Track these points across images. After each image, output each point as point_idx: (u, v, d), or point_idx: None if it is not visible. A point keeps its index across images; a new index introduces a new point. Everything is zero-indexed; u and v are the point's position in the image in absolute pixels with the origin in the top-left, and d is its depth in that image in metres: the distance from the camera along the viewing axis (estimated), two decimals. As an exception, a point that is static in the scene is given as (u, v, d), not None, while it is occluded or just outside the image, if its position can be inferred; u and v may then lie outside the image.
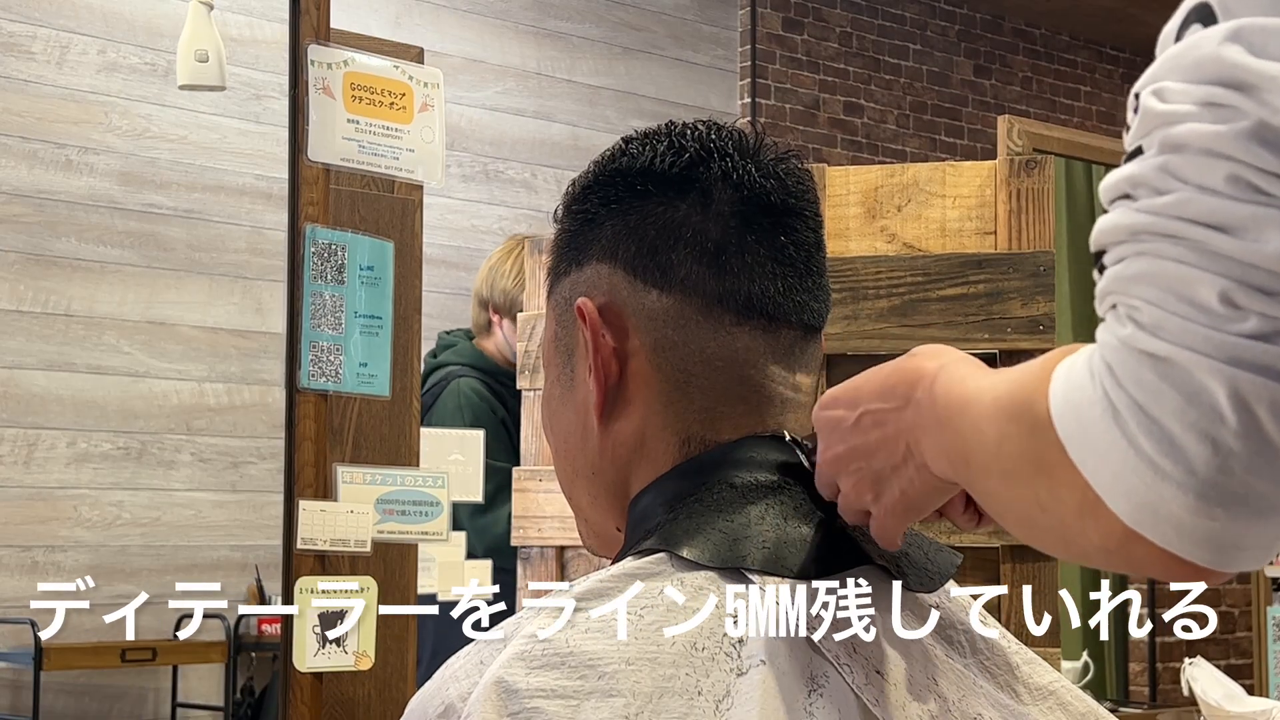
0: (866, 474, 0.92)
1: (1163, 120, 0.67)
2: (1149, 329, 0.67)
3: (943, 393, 0.84)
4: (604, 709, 0.86)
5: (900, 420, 0.88)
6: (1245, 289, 0.64)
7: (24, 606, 4.51)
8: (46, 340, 4.69)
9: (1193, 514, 0.66)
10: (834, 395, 0.95)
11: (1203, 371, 0.65)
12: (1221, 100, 0.65)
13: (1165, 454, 0.66)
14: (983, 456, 0.79)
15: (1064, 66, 7.01)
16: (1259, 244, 0.64)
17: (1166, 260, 0.66)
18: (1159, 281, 0.67)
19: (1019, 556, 1.82)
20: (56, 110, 4.73)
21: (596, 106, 5.78)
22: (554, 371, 1.09)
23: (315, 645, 1.89)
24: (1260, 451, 0.65)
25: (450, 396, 3.17)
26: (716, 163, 1.02)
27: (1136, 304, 0.67)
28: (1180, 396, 0.65)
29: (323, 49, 1.97)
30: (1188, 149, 0.66)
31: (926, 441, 0.86)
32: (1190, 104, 0.66)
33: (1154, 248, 0.67)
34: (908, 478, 0.89)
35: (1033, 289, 1.84)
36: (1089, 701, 1.04)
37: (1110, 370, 0.68)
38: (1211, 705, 2.66)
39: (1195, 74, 0.66)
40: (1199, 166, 0.65)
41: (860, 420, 0.91)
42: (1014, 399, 0.76)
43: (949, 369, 0.85)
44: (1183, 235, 0.66)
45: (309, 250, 1.94)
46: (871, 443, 0.91)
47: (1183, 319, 0.66)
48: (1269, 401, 0.64)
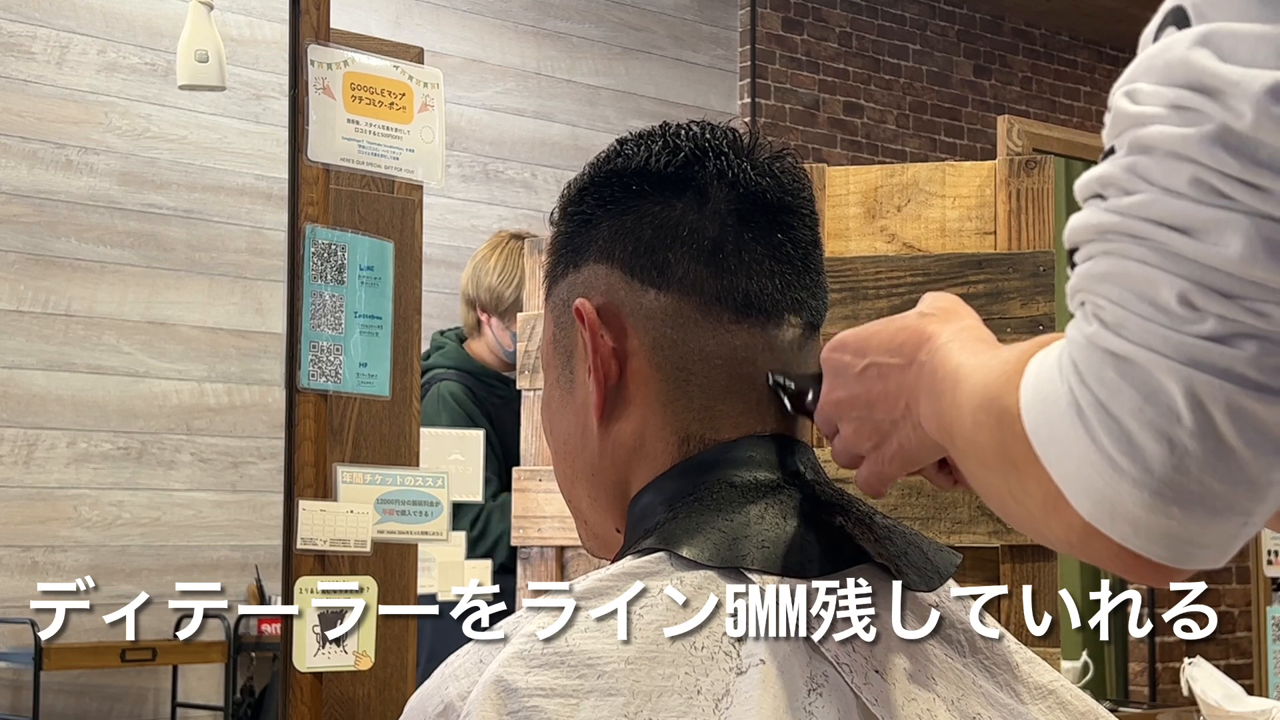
0: (866, 422, 0.94)
1: (1133, 121, 0.68)
2: (1112, 327, 0.68)
3: (940, 363, 0.85)
4: (603, 708, 0.86)
5: (903, 378, 0.89)
6: (1204, 291, 0.65)
7: (24, 606, 4.51)
8: (46, 340, 4.69)
9: (1149, 512, 0.67)
10: (844, 339, 0.96)
11: (1161, 371, 0.66)
12: (1188, 104, 0.65)
13: (1123, 451, 0.67)
14: (962, 438, 0.81)
15: (1064, 66, 7.01)
16: (1218, 247, 0.64)
17: (1130, 260, 0.67)
18: (1122, 281, 0.67)
19: (1019, 556, 1.82)
20: (56, 110, 4.73)
21: (596, 106, 5.78)
22: (553, 373, 1.09)
23: (315, 645, 1.89)
24: (1216, 451, 0.66)
25: (430, 401, 3.16)
26: (712, 161, 1.02)
27: (1101, 302, 0.68)
28: (1139, 395, 0.66)
29: (323, 49, 1.97)
30: (1155, 151, 0.66)
31: (923, 404, 0.87)
32: (1159, 106, 0.66)
33: (1119, 247, 0.68)
34: (905, 433, 0.91)
35: (1032, 289, 1.84)
36: (1088, 701, 1.04)
37: (1075, 367, 0.69)
38: (1211, 705, 2.66)
39: (1165, 76, 0.67)
40: (1165, 169, 0.66)
41: (866, 370, 0.93)
42: (988, 390, 0.77)
43: (953, 340, 0.86)
44: (1146, 236, 0.67)
45: (309, 250, 1.94)
46: (874, 394, 0.92)
47: (1143, 319, 0.66)
48: (1224, 403, 0.65)
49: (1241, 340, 0.65)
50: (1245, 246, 0.64)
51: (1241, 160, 0.64)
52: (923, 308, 0.94)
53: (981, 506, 1.79)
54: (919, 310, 0.93)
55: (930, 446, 0.90)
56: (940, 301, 0.94)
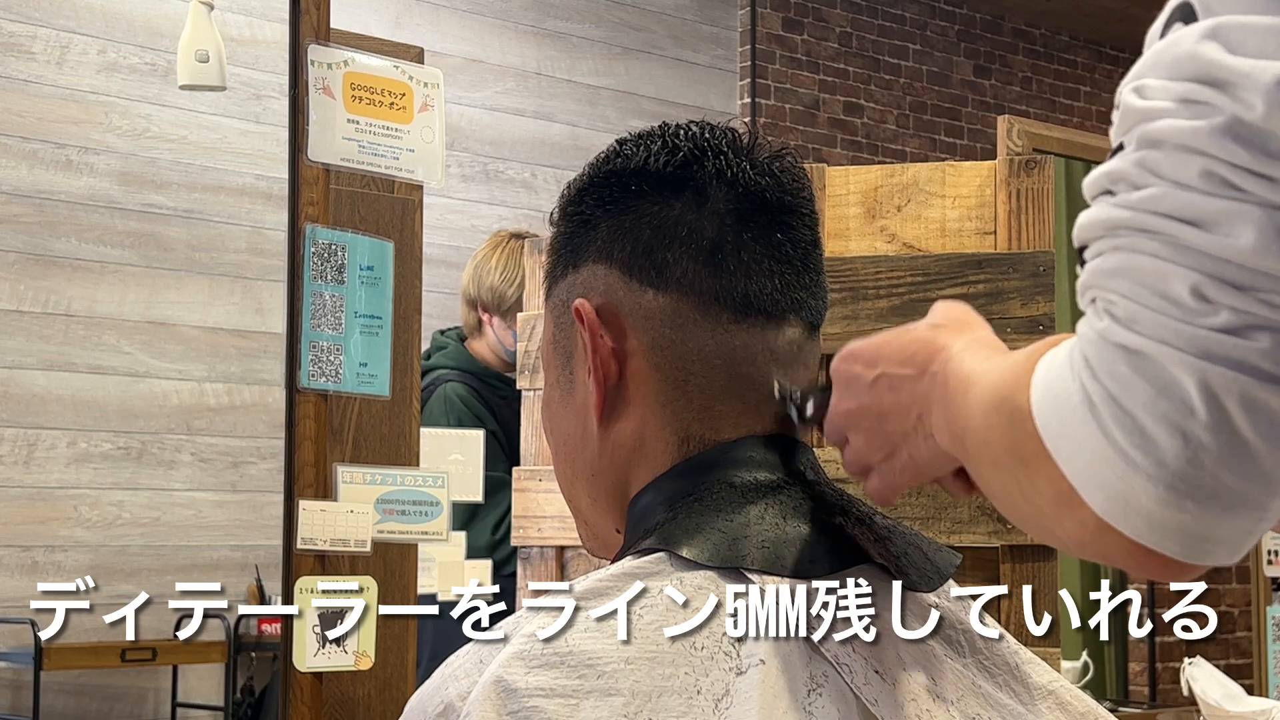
0: (877, 434, 0.93)
1: (1142, 117, 0.67)
2: (1124, 322, 0.67)
3: (952, 373, 0.85)
4: (603, 708, 0.86)
5: (915, 390, 0.89)
6: (1216, 283, 0.65)
7: (24, 606, 4.51)
8: (46, 340, 4.69)
9: (1162, 506, 0.67)
10: (855, 350, 0.95)
11: (1174, 365, 0.65)
12: (1198, 97, 0.65)
13: (1137, 446, 0.67)
14: (974, 442, 0.80)
15: (1064, 66, 7.01)
16: (1230, 239, 0.64)
17: (1141, 255, 0.67)
18: (1134, 275, 0.67)
19: (1019, 556, 1.82)
20: (56, 110, 4.73)
21: (596, 106, 5.78)
22: (553, 374, 1.09)
23: (315, 645, 1.89)
24: (1230, 445, 0.65)
25: (437, 402, 3.16)
26: (710, 161, 1.02)
27: (1113, 298, 0.68)
28: (1152, 389, 0.66)
29: (323, 49, 1.97)
30: (1165, 145, 0.66)
31: (935, 415, 0.87)
32: (1168, 100, 0.66)
33: (1130, 242, 0.67)
34: (916, 445, 0.90)
35: (1032, 289, 1.84)
36: (1088, 701, 1.04)
37: (1087, 363, 0.69)
38: (1211, 705, 2.66)
39: (1174, 71, 0.66)
40: (1175, 162, 0.66)
41: (877, 381, 0.92)
42: (998, 390, 0.77)
43: (965, 350, 0.86)
44: (1157, 230, 0.66)
45: (309, 250, 1.94)
46: (885, 405, 0.92)
47: (1155, 312, 0.66)
48: (1239, 395, 0.65)
49: (1255, 332, 0.65)
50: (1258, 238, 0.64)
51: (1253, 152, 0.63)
52: (934, 318, 0.93)
53: (982, 506, 1.79)
54: (931, 321, 0.93)
55: (941, 458, 0.89)
56: (952, 311, 0.93)
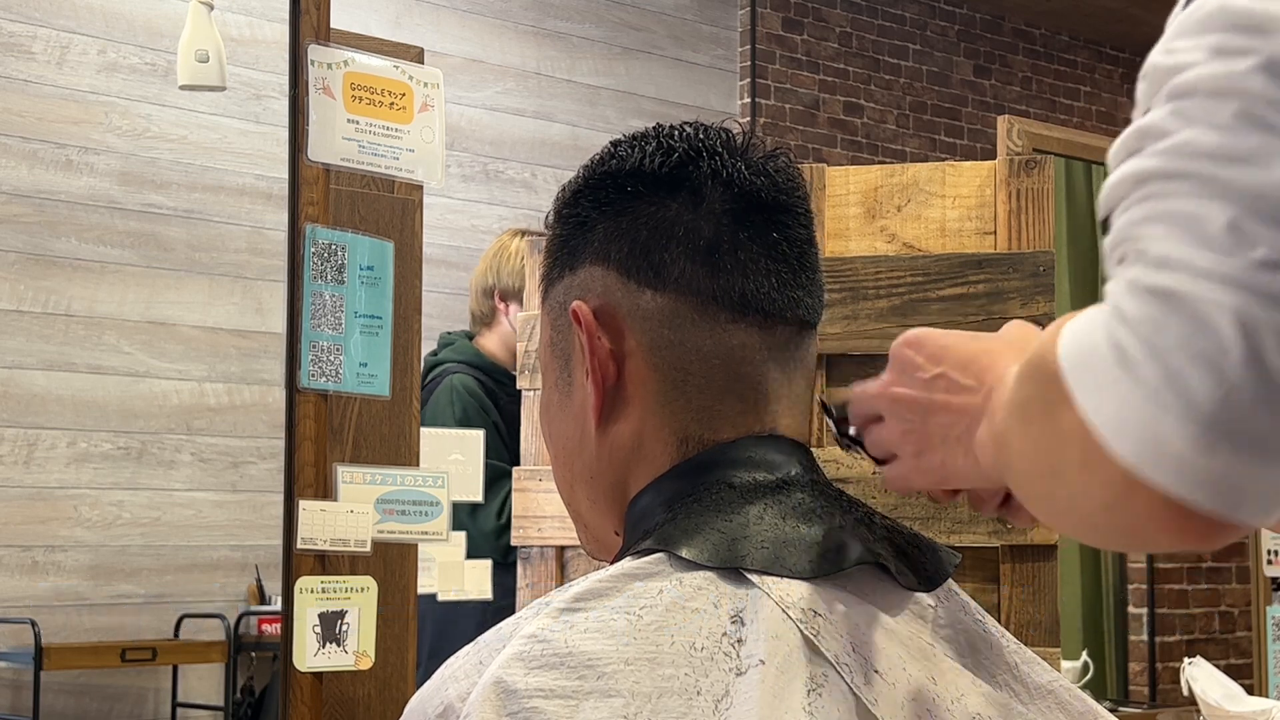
0: (917, 428, 0.93)
1: (1171, 72, 0.67)
2: (1155, 264, 0.66)
3: (1004, 387, 0.84)
4: (603, 709, 0.86)
5: (970, 400, 0.89)
6: (1254, 217, 0.64)
7: (24, 606, 4.51)
8: (46, 340, 4.69)
9: (1194, 449, 0.65)
10: (921, 339, 0.95)
11: (1208, 302, 0.64)
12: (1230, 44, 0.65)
13: (1169, 386, 0.64)
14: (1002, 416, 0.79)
15: (1064, 66, 7.01)
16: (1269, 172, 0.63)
17: (1173, 198, 0.66)
18: (1165, 218, 0.66)
19: (1019, 556, 1.82)
20: (56, 110, 4.74)
21: (596, 106, 5.78)
22: (551, 377, 1.09)
23: (315, 645, 1.89)
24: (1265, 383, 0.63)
25: (443, 392, 3.16)
26: (706, 161, 1.02)
27: (1143, 245, 0.67)
28: (1185, 328, 0.64)
29: (323, 49, 1.97)
30: (1197, 92, 0.66)
31: (982, 428, 0.86)
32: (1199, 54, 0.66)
33: (1160, 188, 0.66)
34: (953, 453, 0.90)
35: (1032, 289, 1.84)
36: (1088, 701, 1.04)
37: (1117, 311, 0.67)
38: (1211, 705, 2.66)
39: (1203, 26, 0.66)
40: (1207, 107, 0.65)
41: (936, 379, 0.92)
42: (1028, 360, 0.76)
43: None
44: (1191, 171, 0.65)
45: (309, 250, 1.94)
46: (936, 405, 0.91)
47: (1189, 248, 0.65)
48: (1276, 331, 0.63)
49: None
50: None
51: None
52: (1006, 335, 0.93)
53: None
54: (1004, 337, 0.92)
55: (971, 473, 0.89)
56: (1023, 331, 0.93)
